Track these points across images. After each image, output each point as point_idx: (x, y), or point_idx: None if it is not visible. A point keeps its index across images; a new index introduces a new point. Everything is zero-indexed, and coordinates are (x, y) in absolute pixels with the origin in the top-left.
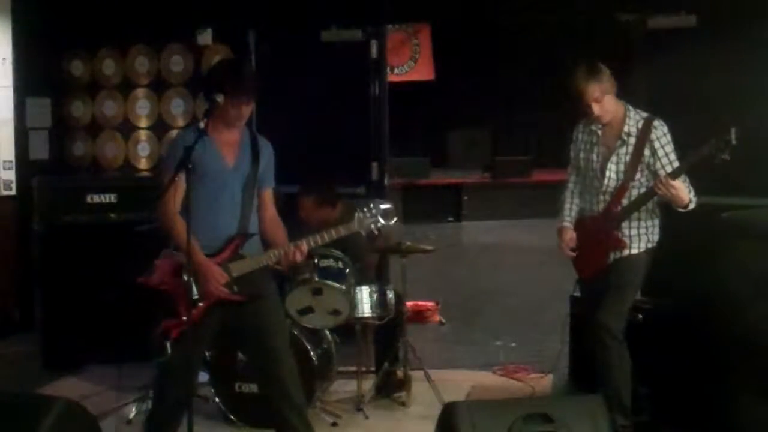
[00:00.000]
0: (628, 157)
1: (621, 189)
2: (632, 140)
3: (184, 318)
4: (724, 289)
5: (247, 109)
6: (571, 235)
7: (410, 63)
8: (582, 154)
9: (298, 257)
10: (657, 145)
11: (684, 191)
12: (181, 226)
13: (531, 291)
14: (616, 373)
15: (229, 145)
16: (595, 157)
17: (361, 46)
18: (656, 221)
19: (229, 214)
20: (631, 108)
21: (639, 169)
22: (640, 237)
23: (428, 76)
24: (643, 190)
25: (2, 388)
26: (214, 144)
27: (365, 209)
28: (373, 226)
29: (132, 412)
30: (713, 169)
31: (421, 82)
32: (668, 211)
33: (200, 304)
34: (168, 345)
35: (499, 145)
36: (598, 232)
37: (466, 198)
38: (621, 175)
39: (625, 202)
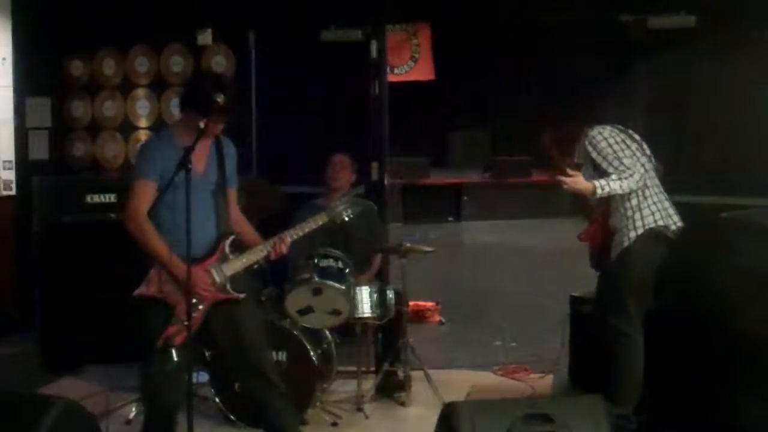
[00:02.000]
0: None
1: None
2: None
3: (186, 323)
4: (725, 289)
5: (221, 125)
6: None
7: (410, 63)
8: None
9: (284, 249)
10: (594, 155)
11: (579, 185)
12: (155, 235)
13: (531, 291)
14: (618, 368)
15: (198, 154)
16: None
17: (361, 46)
18: (645, 211)
19: (203, 218)
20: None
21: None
22: (623, 229)
23: (428, 76)
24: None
25: (2, 388)
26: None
27: (337, 200)
28: (344, 214)
29: (132, 412)
30: (713, 169)
31: (421, 82)
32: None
33: (200, 307)
34: (173, 352)
35: (499, 145)
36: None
37: (466, 198)
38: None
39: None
